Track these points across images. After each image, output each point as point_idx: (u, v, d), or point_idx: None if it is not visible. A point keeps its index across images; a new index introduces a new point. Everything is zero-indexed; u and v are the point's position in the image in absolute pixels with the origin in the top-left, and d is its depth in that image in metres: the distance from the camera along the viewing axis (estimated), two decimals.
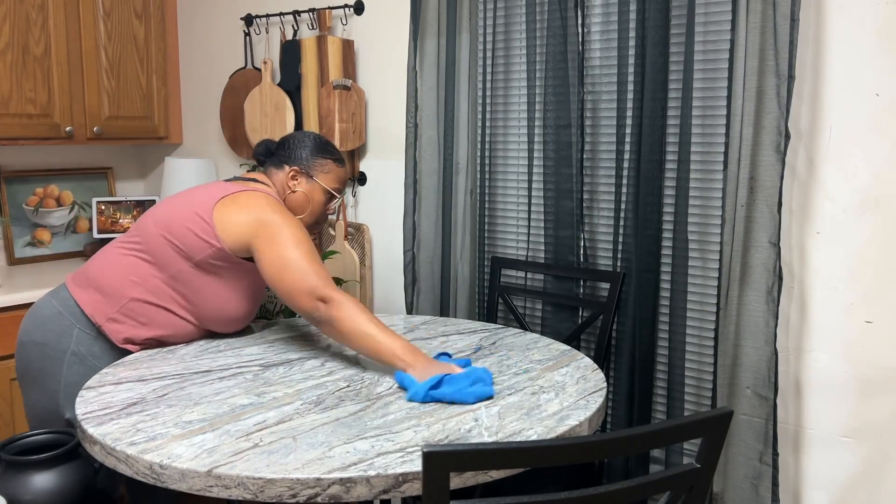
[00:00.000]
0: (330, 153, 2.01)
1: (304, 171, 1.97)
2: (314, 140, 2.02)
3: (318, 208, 2.01)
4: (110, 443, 1.32)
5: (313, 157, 1.99)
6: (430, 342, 1.93)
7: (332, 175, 2.00)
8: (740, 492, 1.95)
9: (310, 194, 1.98)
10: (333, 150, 2.03)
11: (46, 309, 1.88)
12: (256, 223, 1.79)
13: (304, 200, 1.98)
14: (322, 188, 1.99)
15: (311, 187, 1.98)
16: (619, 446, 1.07)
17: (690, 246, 2.05)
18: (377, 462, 1.24)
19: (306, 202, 1.98)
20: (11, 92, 2.66)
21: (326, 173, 1.99)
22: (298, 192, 1.97)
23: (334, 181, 2.01)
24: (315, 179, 1.98)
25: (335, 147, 2.04)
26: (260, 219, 1.80)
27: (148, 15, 3.09)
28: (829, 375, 1.92)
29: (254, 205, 1.82)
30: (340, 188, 2.03)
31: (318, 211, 2.01)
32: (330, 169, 2.00)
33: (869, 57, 1.81)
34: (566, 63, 2.19)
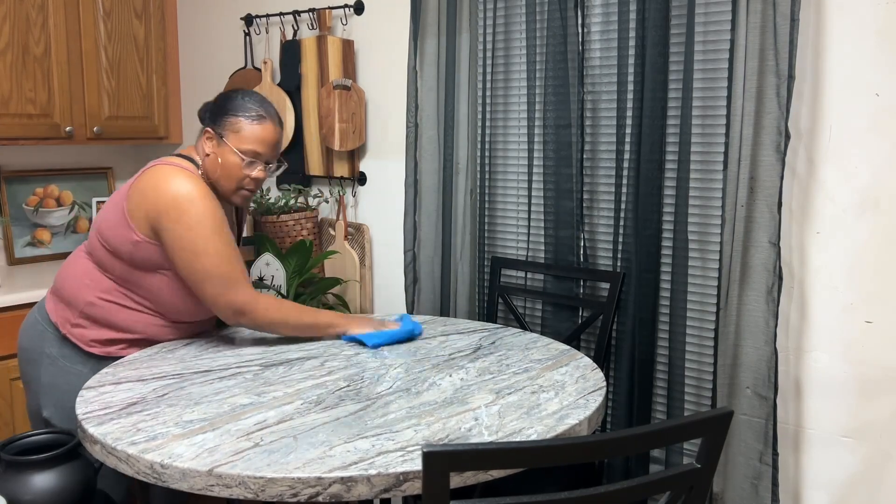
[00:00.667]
0: (244, 109, 1.79)
1: (216, 132, 1.80)
2: (233, 95, 1.82)
3: (232, 172, 1.80)
4: (111, 442, 1.32)
5: (225, 116, 1.79)
6: (430, 342, 1.93)
7: (244, 134, 1.78)
8: (740, 492, 1.95)
9: (221, 157, 1.79)
10: (252, 105, 1.80)
11: (30, 317, 1.95)
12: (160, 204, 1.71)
13: (214, 165, 1.80)
14: (231, 150, 1.78)
15: (220, 150, 1.79)
16: (619, 446, 1.07)
17: (690, 246, 2.06)
18: (378, 461, 1.24)
19: (216, 167, 1.80)
20: (11, 92, 2.66)
21: (236, 132, 1.78)
22: (211, 157, 1.80)
23: (245, 141, 1.78)
24: (224, 140, 1.78)
25: (260, 102, 1.81)
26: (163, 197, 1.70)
27: (148, 15, 3.09)
28: (829, 375, 1.92)
29: (161, 178, 1.73)
30: (258, 150, 1.79)
31: (233, 175, 1.80)
32: (240, 127, 1.77)
33: (869, 57, 1.81)
34: (566, 63, 2.20)
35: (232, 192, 1.84)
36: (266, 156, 1.82)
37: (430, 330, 2.06)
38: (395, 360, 1.77)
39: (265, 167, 1.84)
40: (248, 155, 1.79)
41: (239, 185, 1.83)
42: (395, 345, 1.88)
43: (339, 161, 2.78)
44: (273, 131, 1.82)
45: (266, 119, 1.80)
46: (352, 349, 1.86)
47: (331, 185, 2.83)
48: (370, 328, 1.91)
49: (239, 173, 1.80)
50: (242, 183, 1.83)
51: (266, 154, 1.82)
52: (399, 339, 1.91)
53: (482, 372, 1.69)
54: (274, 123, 1.82)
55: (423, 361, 1.77)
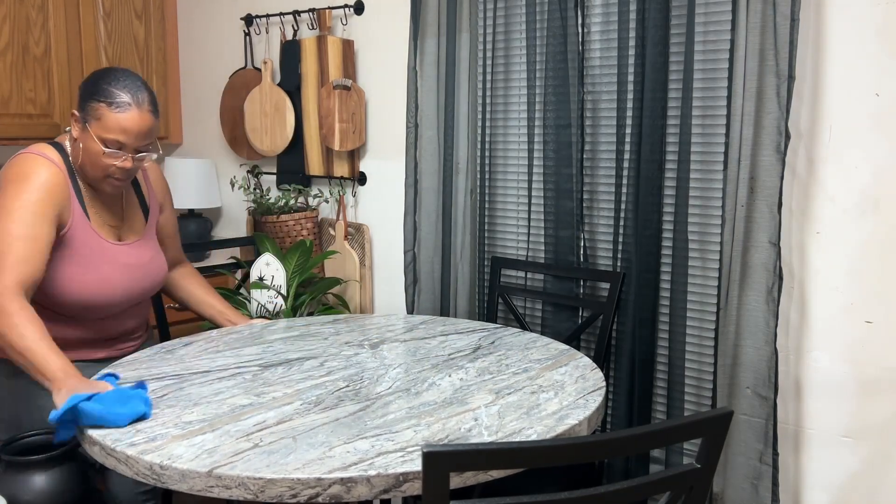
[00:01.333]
0: (107, 94, 1.65)
1: (81, 116, 1.69)
2: (101, 76, 1.69)
3: (96, 161, 1.69)
4: (110, 443, 1.32)
5: (89, 99, 1.67)
6: (430, 342, 1.93)
7: (105, 122, 1.65)
8: (740, 492, 1.95)
9: (84, 143, 1.69)
10: (117, 89, 1.66)
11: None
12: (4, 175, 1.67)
13: (77, 151, 1.71)
14: (93, 137, 1.67)
15: (84, 136, 1.69)
16: (619, 446, 1.07)
17: (690, 246, 2.05)
18: (377, 462, 1.24)
19: (79, 153, 1.71)
20: (11, 92, 2.66)
21: (97, 119, 1.66)
22: (77, 142, 1.71)
23: (107, 129, 1.66)
24: (87, 127, 1.68)
25: (128, 84, 1.67)
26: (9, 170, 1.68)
27: (148, 15, 3.09)
28: (829, 375, 1.92)
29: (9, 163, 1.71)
30: (120, 139, 1.67)
31: (97, 163, 1.70)
32: (101, 114, 1.65)
33: (869, 57, 1.81)
34: (566, 63, 2.19)
35: (100, 181, 1.74)
36: (132, 145, 1.69)
37: (430, 330, 2.06)
38: (394, 361, 1.77)
39: (132, 157, 1.72)
40: (111, 144, 1.68)
41: (104, 173, 1.72)
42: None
43: (339, 161, 2.78)
44: (139, 120, 1.67)
45: (131, 107, 1.66)
46: (351, 349, 1.86)
47: (331, 185, 2.83)
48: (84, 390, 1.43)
49: (102, 162, 1.70)
50: (108, 171, 1.72)
51: (132, 143, 1.69)
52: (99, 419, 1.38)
53: (482, 372, 1.69)
54: (141, 111, 1.68)
55: (423, 361, 1.77)
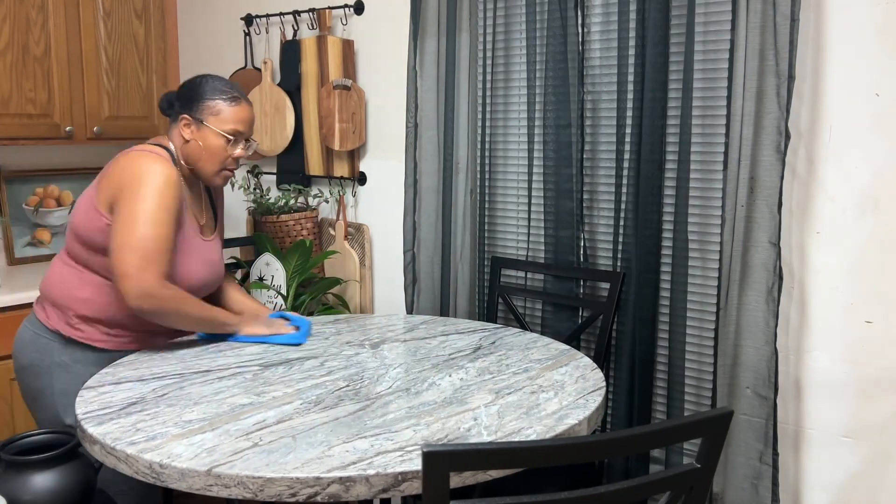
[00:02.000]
0: (218, 92, 1.86)
1: (195, 118, 1.85)
2: (202, 81, 1.88)
3: (217, 153, 1.87)
4: (110, 442, 1.32)
5: (201, 101, 1.85)
6: (430, 342, 1.93)
7: (224, 116, 1.85)
8: (740, 492, 1.95)
9: (202, 141, 1.86)
10: (225, 87, 1.87)
11: (25, 334, 1.92)
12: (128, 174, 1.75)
13: (196, 149, 1.86)
14: (214, 132, 1.85)
15: (201, 134, 1.86)
16: (619, 446, 1.07)
17: (690, 246, 2.05)
18: (377, 461, 1.24)
19: (199, 151, 1.86)
20: (11, 92, 2.66)
21: (216, 115, 1.85)
22: (191, 142, 1.86)
23: (227, 122, 1.85)
24: (205, 124, 1.85)
25: (229, 84, 1.89)
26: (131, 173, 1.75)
27: (148, 15, 3.09)
28: (829, 375, 1.92)
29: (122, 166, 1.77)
30: (239, 129, 1.87)
31: (217, 157, 1.88)
32: (219, 109, 1.85)
33: (869, 57, 1.81)
34: (566, 63, 2.19)
35: (214, 174, 1.90)
36: (246, 133, 1.90)
37: (430, 330, 2.06)
38: (394, 361, 1.77)
39: (245, 145, 1.91)
40: (231, 134, 1.86)
41: (222, 165, 1.89)
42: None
43: (339, 161, 2.78)
44: (249, 109, 1.90)
45: (241, 99, 1.88)
46: (351, 349, 1.86)
47: (331, 185, 2.83)
48: (263, 329, 1.93)
49: (223, 154, 1.87)
50: (225, 163, 1.89)
51: (246, 132, 1.90)
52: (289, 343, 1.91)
53: (482, 372, 1.69)
54: (248, 103, 1.91)
55: (423, 361, 1.77)
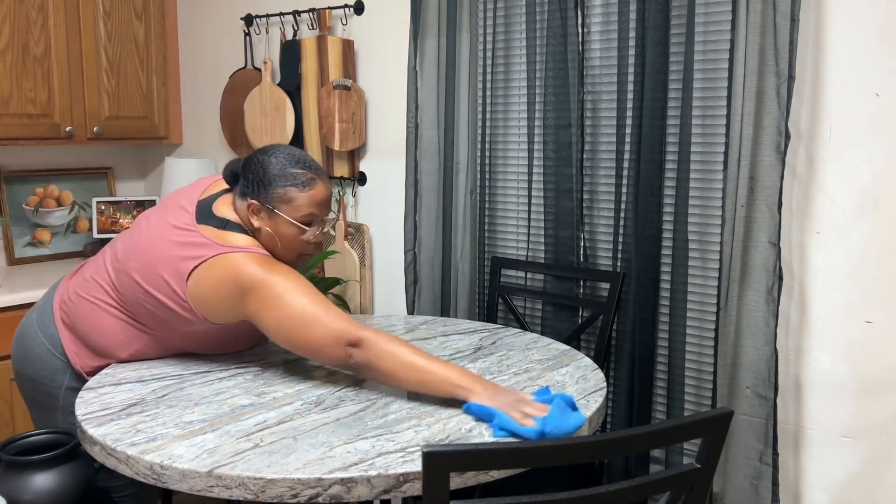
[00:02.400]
0: (287, 178, 1.64)
1: (264, 205, 1.65)
2: (271, 165, 1.66)
3: (291, 243, 1.68)
4: (110, 443, 1.32)
5: (270, 188, 1.64)
6: (431, 342, 1.93)
7: (297, 203, 1.64)
8: (740, 492, 1.95)
9: (274, 230, 1.66)
10: (296, 170, 1.66)
11: (36, 347, 1.79)
12: (240, 294, 1.56)
13: (270, 238, 1.67)
14: (287, 221, 1.65)
15: (273, 223, 1.66)
16: (619, 446, 1.07)
17: (690, 246, 2.06)
18: (378, 462, 1.24)
19: (273, 240, 1.67)
20: (11, 92, 2.66)
21: (288, 203, 1.64)
22: (263, 231, 1.67)
23: (301, 209, 1.65)
24: (277, 212, 1.65)
25: (302, 163, 1.67)
26: (241, 288, 1.56)
27: (148, 15, 3.09)
28: (829, 375, 1.92)
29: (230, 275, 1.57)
30: (315, 212, 1.67)
31: (293, 246, 1.68)
32: (292, 196, 1.64)
33: (869, 57, 1.81)
34: (566, 63, 2.19)
35: (293, 260, 1.72)
36: (322, 215, 1.70)
37: (431, 330, 2.06)
38: None
39: (322, 226, 1.72)
40: (305, 221, 1.67)
41: (300, 251, 1.71)
42: None
43: (339, 161, 2.78)
44: (325, 189, 1.69)
45: (315, 180, 1.67)
46: None
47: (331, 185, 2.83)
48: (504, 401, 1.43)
49: (298, 243, 1.68)
50: (304, 249, 1.71)
51: (322, 214, 1.70)
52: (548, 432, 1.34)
53: (482, 372, 1.69)
54: (324, 181, 1.69)
55: None
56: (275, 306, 1.54)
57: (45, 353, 1.77)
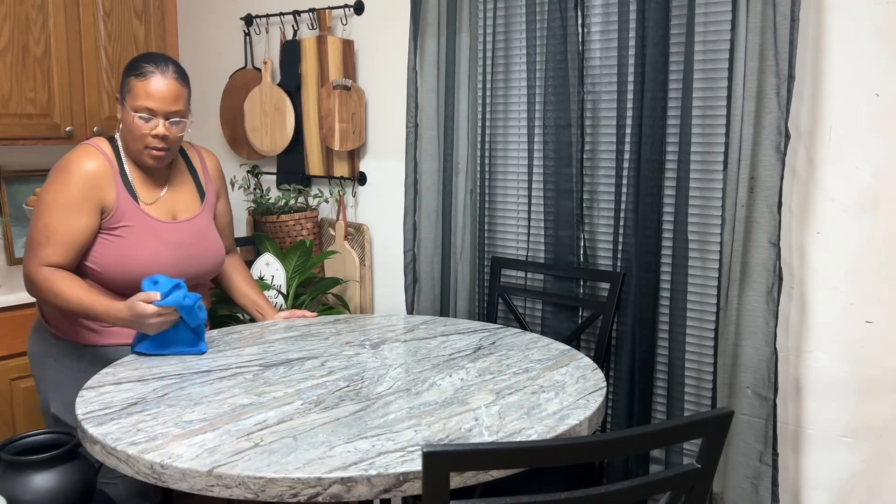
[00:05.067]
0: (132, 69, 1.81)
1: (119, 98, 1.86)
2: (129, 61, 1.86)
3: (133, 134, 1.83)
4: (111, 443, 1.32)
5: (123, 81, 1.84)
6: (430, 342, 1.93)
7: (135, 92, 1.80)
8: (740, 492, 1.95)
9: (122, 120, 1.85)
10: (141, 62, 1.81)
11: (36, 321, 2.02)
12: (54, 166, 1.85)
13: (122, 130, 1.88)
14: (127, 110, 1.82)
15: (123, 113, 1.85)
16: (619, 446, 1.07)
17: (690, 246, 2.06)
18: (378, 461, 1.24)
19: (123, 131, 1.87)
20: (11, 92, 2.66)
21: (129, 92, 1.81)
22: (120, 122, 1.86)
23: (138, 98, 1.79)
24: (124, 103, 1.84)
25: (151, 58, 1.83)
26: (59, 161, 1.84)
27: (148, 15, 3.09)
28: (829, 375, 1.92)
29: None
30: (149, 105, 1.80)
31: (135, 136, 1.83)
32: (131, 86, 1.80)
33: (869, 57, 1.81)
34: (566, 63, 2.20)
35: (140, 153, 1.86)
36: (161, 110, 1.81)
37: (431, 330, 2.06)
38: (395, 361, 1.77)
39: (165, 123, 1.83)
40: (141, 111, 1.80)
41: (143, 143, 1.84)
42: None
43: (339, 161, 2.78)
44: (164, 84, 1.80)
45: (154, 73, 1.79)
46: (351, 349, 1.86)
47: (331, 185, 2.83)
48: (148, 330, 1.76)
49: (137, 132, 1.82)
50: (145, 142, 1.83)
51: (159, 108, 1.80)
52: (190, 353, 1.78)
53: (482, 372, 1.69)
54: (166, 76, 1.81)
55: (424, 361, 1.77)
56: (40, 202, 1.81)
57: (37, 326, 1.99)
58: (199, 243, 1.98)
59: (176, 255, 1.91)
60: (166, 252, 1.90)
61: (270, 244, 2.63)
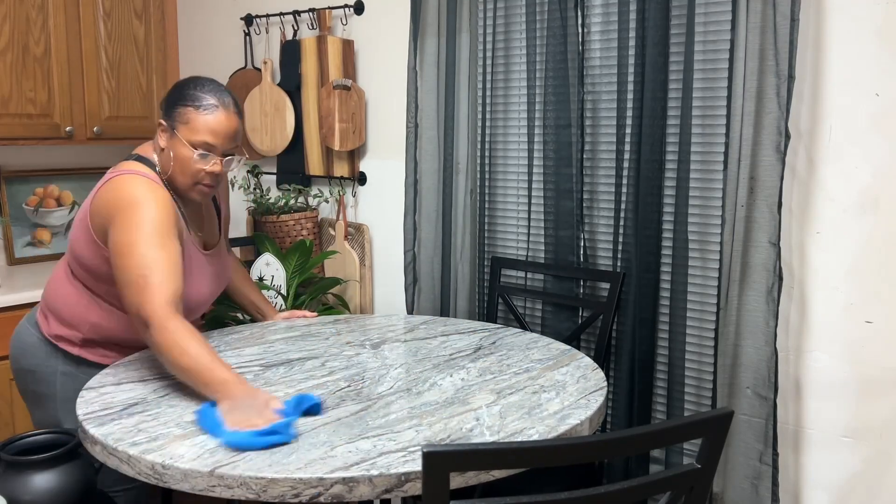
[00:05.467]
0: (191, 99, 1.68)
1: (168, 125, 1.71)
2: (185, 83, 1.72)
3: (186, 167, 1.69)
4: (112, 443, 1.32)
5: (174, 108, 1.70)
6: (431, 342, 1.94)
7: (194, 125, 1.67)
8: (740, 492, 1.95)
9: (172, 150, 1.70)
10: (202, 93, 1.68)
11: (27, 337, 1.86)
12: (115, 209, 1.62)
13: (167, 160, 1.72)
14: (183, 142, 1.68)
15: (172, 143, 1.70)
16: (620, 446, 1.07)
17: (690, 246, 2.06)
18: (379, 461, 1.24)
19: (169, 161, 1.71)
20: (11, 92, 2.66)
21: (185, 123, 1.68)
22: (165, 151, 1.72)
23: (198, 132, 1.67)
24: (176, 133, 1.69)
25: (213, 88, 1.70)
26: (118, 205, 1.62)
27: (148, 15, 3.09)
28: (829, 375, 1.93)
29: (114, 190, 1.65)
30: (209, 141, 1.68)
31: (188, 171, 1.70)
32: (189, 118, 1.67)
33: (869, 57, 1.81)
34: (566, 63, 2.20)
35: (188, 188, 1.74)
36: (221, 147, 1.71)
37: (431, 330, 2.06)
38: (395, 361, 1.77)
39: (221, 160, 1.72)
40: (200, 147, 1.69)
41: (195, 180, 1.72)
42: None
43: (339, 161, 2.78)
44: (227, 120, 1.70)
45: (219, 108, 1.68)
46: (352, 349, 1.86)
47: (331, 185, 2.83)
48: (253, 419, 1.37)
49: (192, 167, 1.70)
50: (198, 178, 1.72)
51: (220, 145, 1.70)
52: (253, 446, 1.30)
53: (483, 372, 1.69)
54: (228, 112, 1.70)
55: (424, 361, 1.77)
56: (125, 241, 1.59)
57: (34, 341, 1.85)
58: (225, 271, 1.95)
59: (212, 285, 1.87)
60: (207, 282, 1.85)
61: (270, 244, 2.63)
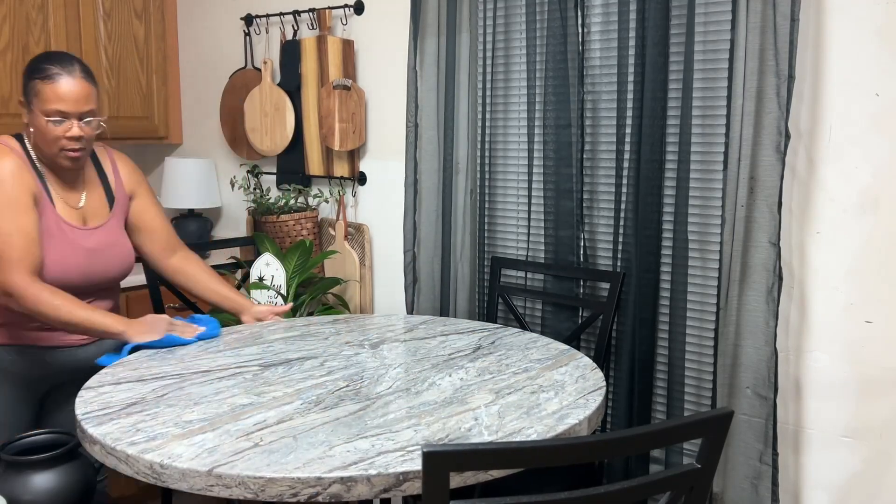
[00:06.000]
0: (35, 72, 1.77)
1: (26, 101, 1.80)
2: (28, 62, 1.81)
3: (47, 137, 1.78)
4: (110, 443, 1.32)
5: (26, 84, 1.79)
6: (430, 342, 1.93)
7: (42, 95, 1.75)
8: (740, 492, 1.95)
9: (33, 124, 1.80)
10: (44, 64, 1.77)
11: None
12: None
13: (31, 132, 1.82)
14: (37, 114, 1.77)
15: (31, 117, 1.80)
16: (619, 446, 1.07)
17: (690, 246, 2.05)
18: (378, 461, 1.24)
19: (33, 134, 1.81)
20: (11, 92, 2.66)
21: (36, 95, 1.76)
22: (29, 125, 1.81)
23: (46, 101, 1.75)
24: (32, 107, 1.79)
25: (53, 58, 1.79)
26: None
27: (148, 15, 3.09)
28: (829, 375, 1.92)
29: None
30: (59, 108, 1.76)
31: (50, 139, 1.78)
32: (38, 89, 1.76)
33: (869, 57, 1.81)
34: (566, 63, 2.20)
35: (56, 156, 1.81)
36: (74, 112, 1.78)
37: (430, 330, 2.06)
38: (394, 361, 1.77)
39: (79, 123, 1.80)
40: (53, 115, 1.76)
41: (58, 146, 1.80)
42: None
43: (339, 161, 2.78)
44: (73, 85, 1.77)
45: (62, 75, 1.76)
46: (351, 349, 1.86)
47: (331, 185, 2.83)
48: (155, 333, 1.84)
49: (51, 135, 1.78)
50: (60, 144, 1.79)
51: (72, 110, 1.78)
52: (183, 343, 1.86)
53: (482, 372, 1.69)
54: (74, 77, 1.78)
55: (423, 361, 1.77)
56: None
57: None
58: (109, 249, 1.95)
59: (85, 262, 1.88)
60: (74, 258, 1.87)
61: (270, 244, 2.63)
